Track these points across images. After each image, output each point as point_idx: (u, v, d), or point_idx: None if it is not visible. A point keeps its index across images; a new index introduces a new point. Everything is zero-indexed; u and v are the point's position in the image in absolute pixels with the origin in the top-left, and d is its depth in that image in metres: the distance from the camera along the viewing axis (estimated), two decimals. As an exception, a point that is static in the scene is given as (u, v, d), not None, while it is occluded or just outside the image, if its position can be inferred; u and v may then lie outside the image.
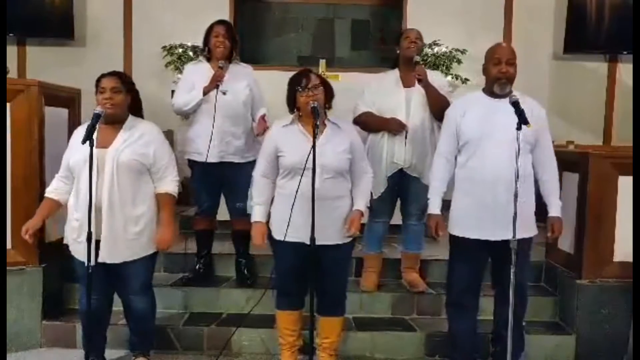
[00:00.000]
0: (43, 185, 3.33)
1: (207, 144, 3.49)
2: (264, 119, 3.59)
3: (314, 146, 2.60)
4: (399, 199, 3.70)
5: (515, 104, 2.63)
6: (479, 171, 2.83)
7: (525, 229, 2.83)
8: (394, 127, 3.48)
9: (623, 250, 3.42)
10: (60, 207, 2.92)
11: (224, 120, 3.52)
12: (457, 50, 5.72)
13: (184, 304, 3.67)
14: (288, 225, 2.77)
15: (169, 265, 3.89)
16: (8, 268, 3.28)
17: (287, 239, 2.81)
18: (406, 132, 3.49)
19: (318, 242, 2.67)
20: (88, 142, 2.56)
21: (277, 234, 2.86)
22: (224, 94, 3.53)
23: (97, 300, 2.92)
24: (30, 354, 3.37)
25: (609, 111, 6.15)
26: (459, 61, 5.70)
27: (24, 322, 3.39)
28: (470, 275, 2.96)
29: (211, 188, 3.68)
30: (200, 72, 3.56)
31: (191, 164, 3.67)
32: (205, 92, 3.49)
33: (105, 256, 2.81)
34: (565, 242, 3.65)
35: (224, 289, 3.72)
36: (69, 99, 3.79)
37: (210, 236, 3.83)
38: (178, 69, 5.56)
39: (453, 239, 2.98)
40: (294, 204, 2.74)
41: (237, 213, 3.67)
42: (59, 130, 3.57)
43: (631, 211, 3.38)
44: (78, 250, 2.81)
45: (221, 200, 3.78)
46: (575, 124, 5.88)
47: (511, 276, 2.61)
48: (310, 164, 2.63)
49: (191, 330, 3.44)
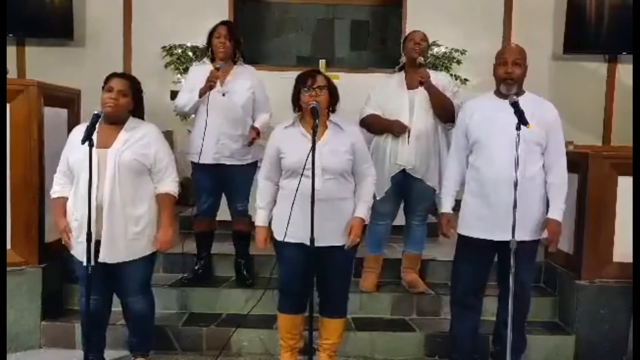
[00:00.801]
0: (43, 185, 3.34)
1: (201, 145, 3.49)
2: (254, 128, 3.56)
3: (313, 146, 2.60)
4: (402, 201, 3.70)
5: (514, 104, 2.63)
6: (484, 171, 2.85)
7: (531, 231, 2.84)
8: (396, 129, 3.49)
9: (622, 251, 3.42)
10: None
11: (221, 122, 3.52)
12: (457, 50, 5.72)
13: (183, 304, 3.66)
14: (287, 225, 2.76)
15: (168, 265, 3.89)
16: (8, 268, 3.28)
17: (289, 240, 2.80)
18: (409, 134, 3.50)
19: (321, 244, 2.67)
20: (85, 142, 2.57)
21: (278, 235, 2.86)
22: (223, 95, 3.52)
23: (97, 301, 2.92)
24: (29, 354, 3.37)
25: (608, 111, 6.15)
26: (459, 62, 5.71)
27: (23, 323, 3.39)
28: (475, 275, 2.97)
29: (210, 189, 3.68)
30: (203, 73, 3.55)
31: (192, 164, 3.67)
32: (201, 93, 3.49)
33: (105, 256, 2.81)
34: (565, 243, 3.65)
35: (223, 290, 3.72)
36: (68, 100, 3.79)
37: (209, 238, 3.83)
38: (178, 69, 5.57)
39: (460, 239, 3.00)
40: (293, 204, 2.74)
41: (239, 214, 3.68)
42: (58, 130, 3.57)
43: (631, 211, 3.38)
44: (78, 250, 2.81)
45: (222, 201, 3.78)
46: (574, 124, 5.86)
47: (510, 276, 2.61)
48: (309, 164, 2.62)
49: (190, 330, 3.44)
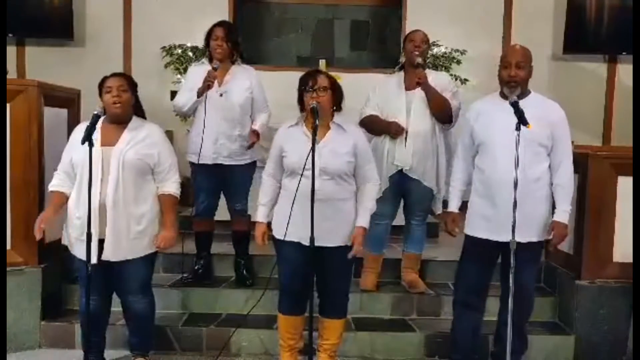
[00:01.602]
0: (43, 185, 3.34)
1: (200, 144, 3.50)
2: (254, 131, 3.56)
3: (313, 147, 2.60)
4: (402, 201, 3.70)
5: (514, 105, 2.63)
6: (489, 172, 2.86)
7: (534, 232, 2.84)
8: (393, 131, 3.49)
9: (622, 251, 3.42)
10: (66, 201, 2.90)
11: (219, 122, 3.52)
12: (457, 50, 5.72)
13: (183, 304, 3.66)
14: (288, 225, 2.76)
15: (168, 265, 3.89)
16: (7, 268, 3.28)
17: (289, 239, 2.80)
18: (406, 135, 3.50)
19: (320, 243, 2.67)
20: (90, 142, 2.59)
21: (278, 233, 2.86)
22: (220, 95, 3.53)
23: (97, 301, 2.93)
24: (29, 354, 3.37)
25: (608, 112, 6.15)
26: (459, 62, 5.71)
27: (23, 323, 3.39)
28: (479, 275, 2.98)
29: (208, 189, 3.68)
30: (201, 74, 3.55)
31: (190, 164, 3.67)
32: (199, 93, 3.49)
33: (108, 254, 2.82)
34: (565, 243, 3.64)
35: (223, 290, 3.72)
36: (68, 99, 3.79)
37: (209, 238, 3.83)
38: (177, 70, 5.57)
39: (467, 239, 3.01)
40: (293, 203, 2.74)
41: (237, 214, 3.69)
42: (58, 130, 3.57)
43: (631, 211, 3.38)
44: (79, 249, 2.81)
45: (220, 201, 3.78)
46: (574, 124, 5.79)
47: (510, 276, 2.61)
48: (308, 164, 2.63)
49: (190, 330, 3.44)
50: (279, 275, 2.97)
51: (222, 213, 3.81)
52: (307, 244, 2.65)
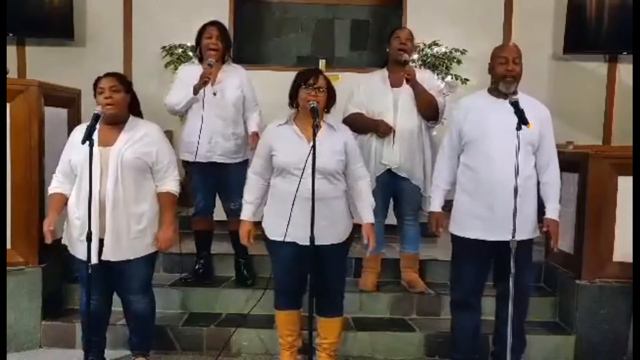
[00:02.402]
0: (43, 185, 3.34)
1: (196, 143, 3.50)
2: (257, 135, 3.54)
3: (313, 146, 2.60)
4: (391, 200, 3.70)
5: (514, 104, 2.63)
6: (480, 171, 2.84)
7: (526, 230, 2.84)
8: (381, 130, 3.48)
9: (622, 251, 3.42)
10: (66, 202, 2.91)
11: (213, 121, 3.53)
12: (457, 50, 5.72)
13: (183, 304, 3.67)
14: (288, 225, 2.76)
15: (168, 265, 3.90)
16: (8, 268, 3.28)
17: (287, 239, 2.80)
18: (394, 133, 3.49)
19: (317, 242, 2.66)
20: (91, 142, 2.59)
21: (272, 235, 2.87)
22: (214, 94, 3.53)
23: (97, 301, 2.93)
24: (29, 354, 3.37)
25: (608, 111, 6.14)
26: (459, 61, 5.70)
27: (23, 322, 3.39)
28: (474, 275, 2.97)
29: (205, 188, 3.69)
30: (192, 73, 3.57)
31: (184, 163, 3.67)
32: (196, 90, 3.49)
33: (108, 254, 2.82)
34: (565, 243, 3.65)
35: (223, 289, 3.73)
36: (68, 99, 3.79)
37: (208, 236, 3.84)
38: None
39: (456, 239, 2.98)
40: (293, 204, 2.74)
41: (233, 213, 3.68)
42: (58, 130, 3.57)
43: (631, 211, 3.38)
44: (79, 249, 2.82)
45: (218, 201, 3.79)
46: (574, 124, 5.87)
47: (510, 278, 2.61)
48: (305, 163, 2.64)
49: (190, 330, 3.45)
50: (274, 274, 2.98)
51: (222, 213, 3.81)
52: (303, 243, 2.67)
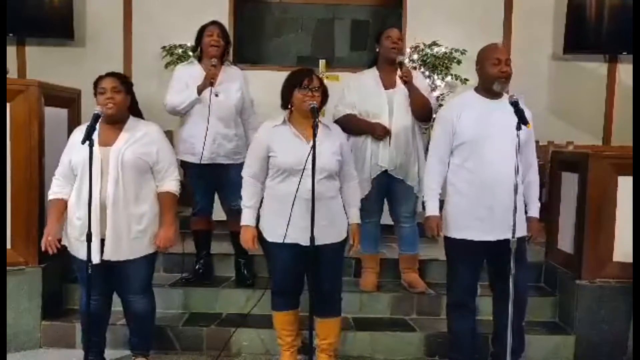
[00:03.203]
0: (43, 185, 3.34)
1: (201, 145, 3.50)
2: None
3: (313, 146, 2.60)
4: (386, 200, 3.70)
5: (515, 104, 2.63)
6: (477, 172, 2.83)
7: (519, 228, 2.83)
8: (378, 133, 3.46)
9: (622, 251, 3.42)
10: (66, 207, 2.90)
11: (216, 122, 3.53)
12: (457, 50, 5.72)
13: (183, 304, 3.67)
14: (288, 227, 2.76)
15: (168, 265, 3.89)
16: (8, 268, 3.28)
17: (287, 241, 2.80)
18: (390, 134, 3.48)
19: (316, 242, 2.67)
20: (91, 142, 2.59)
21: (270, 236, 2.87)
22: (216, 95, 3.53)
23: (97, 300, 2.94)
24: (29, 354, 3.37)
25: (608, 111, 6.15)
26: (459, 62, 5.71)
27: (23, 322, 3.39)
28: (471, 276, 2.96)
29: (205, 188, 3.69)
30: (192, 73, 3.57)
31: (183, 164, 3.66)
32: (200, 91, 3.49)
33: (108, 254, 2.82)
34: (565, 243, 3.66)
35: (223, 289, 3.72)
36: (68, 99, 3.79)
37: (208, 236, 3.84)
38: (178, 70, 5.56)
39: (450, 241, 2.96)
40: (293, 204, 2.74)
41: (233, 214, 3.67)
42: (58, 130, 3.57)
43: (631, 211, 3.38)
44: (80, 249, 2.82)
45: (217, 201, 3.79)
46: (574, 124, 5.88)
47: (510, 279, 2.61)
48: (306, 164, 2.65)
49: (191, 330, 3.44)
50: (272, 275, 2.99)
51: (222, 212, 3.81)
52: (306, 244, 2.67)
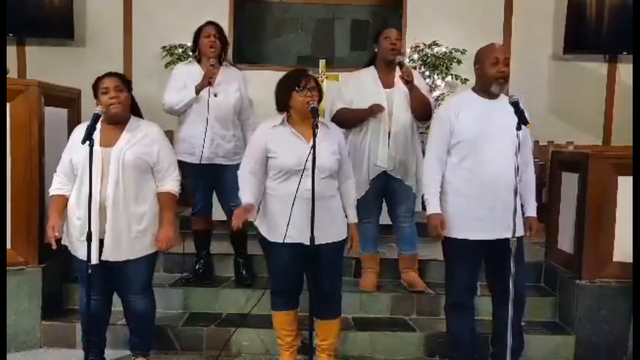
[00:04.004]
0: (43, 185, 3.34)
1: (200, 145, 3.50)
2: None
3: (313, 146, 2.61)
4: (384, 201, 3.70)
5: (515, 104, 2.63)
6: (476, 171, 2.82)
7: (519, 228, 2.84)
8: (375, 112, 3.43)
9: (622, 251, 3.42)
10: (67, 205, 2.91)
11: (214, 123, 3.53)
12: (457, 50, 5.72)
13: (183, 304, 3.67)
14: (288, 227, 2.76)
15: (168, 265, 3.90)
16: (8, 268, 3.28)
17: (288, 241, 2.80)
18: (389, 134, 3.47)
19: (317, 241, 2.67)
20: (91, 142, 2.60)
21: (271, 236, 2.86)
22: (215, 95, 3.53)
23: (97, 300, 2.94)
24: (29, 354, 3.37)
25: (608, 111, 6.15)
26: (459, 61, 5.71)
27: (23, 322, 3.39)
28: (469, 276, 2.96)
29: (204, 188, 3.70)
30: (190, 73, 3.57)
31: (181, 164, 3.65)
32: (198, 90, 3.48)
33: (108, 254, 2.82)
34: (565, 243, 3.66)
35: (223, 289, 3.72)
36: (68, 99, 3.79)
37: (207, 236, 3.84)
38: (178, 70, 5.56)
39: (449, 241, 2.95)
40: (293, 204, 2.74)
41: (232, 213, 3.67)
42: (58, 130, 3.57)
43: (631, 211, 3.38)
44: (80, 249, 2.82)
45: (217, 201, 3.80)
46: (574, 124, 5.89)
47: (510, 276, 2.61)
48: (307, 164, 2.65)
49: (191, 330, 3.44)
50: (272, 275, 2.99)
51: (222, 213, 3.81)
52: (306, 243, 2.67)
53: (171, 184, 2.96)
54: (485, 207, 2.82)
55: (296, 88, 2.80)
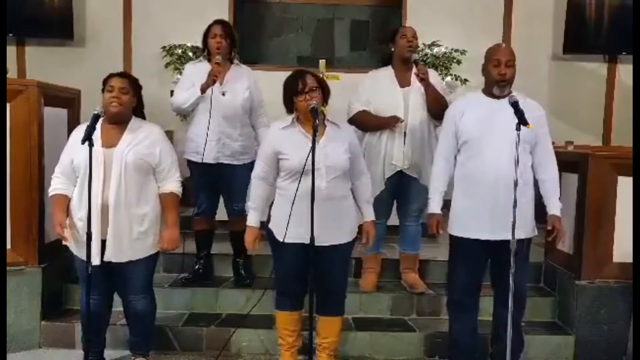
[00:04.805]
0: (43, 185, 3.34)
1: (204, 144, 3.49)
2: None
3: (313, 147, 2.60)
4: (395, 200, 3.69)
5: (514, 105, 2.63)
6: (478, 171, 2.84)
7: (523, 230, 2.83)
8: (392, 124, 3.44)
9: (622, 251, 3.42)
10: (69, 204, 2.90)
11: (221, 121, 3.52)
12: (457, 50, 5.72)
13: (183, 304, 3.67)
14: (287, 226, 2.76)
15: (168, 265, 3.89)
16: (8, 268, 3.28)
17: (292, 240, 2.80)
18: (405, 133, 3.48)
19: (324, 243, 2.68)
20: (90, 142, 2.60)
21: (280, 236, 2.85)
22: (223, 94, 3.52)
23: (98, 301, 2.94)
24: (29, 354, 3.37)
25: (608, 112, 6.15)
26: (459, 62, 5.71)
27: (23, 323, 3.39)
28: (471, 276, 2.96)
29: (209, 189, 3.68)
30: (200, 72, 3.55)
31: (189, 164, 3.67)
32: (203, 89, 3.47)
33: (110, 255, 2.82)
34: (565, 243, 3.65)
35: (223, 290, 3.72)
36: (68, 99, 3.79)
37: (209, 237, 3.83)
38: (178, 70, 5.56)
39: (453, 240, 2.98)
40: (293, 204, 2.74)
41: (234, 214, 3.68)
42: (58, 130, 3.57)
43: (631, 212, 3.38)
44: (81, 250, 2.80)
45: (220, 200, 3.79)
46: (574, 124, 5.88)
47: (510, 276, 2.62)
48: (310, 164, 2.62)
49: (190, 330, 3.44)
50: (277, 274, 2.98)
51: (222, 212, 3.81)
52: (316, 243, 2.65)
53: (173, 184, 2.96)
54: (487, 207, 2.82)
55: (295, 92, 2.79)
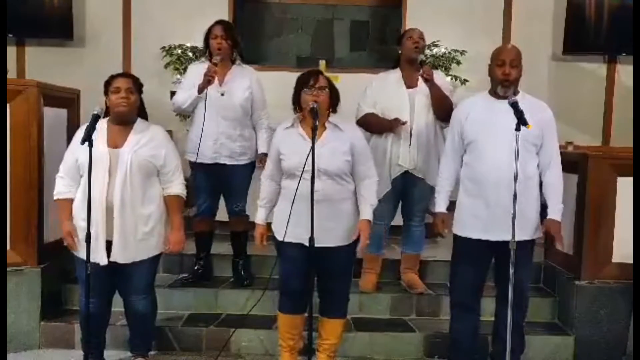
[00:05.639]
0: (42, 185, 3.34)
1: (202, 143, 3.49)
2: (264, 155, 3.45)
3: (312, 147, 2.60)
4: (400, 201, 3.69)
5: (514, 105, 2.63)
6: (481, 171, 2.84)
7: (526, 231, 2.84)
8: (396, 127, 3.45)
9: (622, 251, 3.42)
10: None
11: (219, 121, 3.52)
12: (457, 51, 5.72)
13: (183, 304, 3.66)
14: (287, 226, 2.76)
15: (168, 265, 3.89)
16: (7, 268, 3.28)
17: (290, 240, 2.80)
18: (410, 134, 3.49)
19: (320, 244, 2.67)
20: (94, 142, 2.62)
21: (279, 234, 2.86)
22: (222, 94, 3.52)
23: (98, 301, 2.94)
24: (29, 354, 3.37)
25: (608, 112, 6.15)
26: (459, 62, 5.70)
27: (22, 323, 3.39)
28: (473, 276, 2.97)
29: (209, 189, 3.68)
30: (201, 73, 3.54)
31: (190, 164, 3.67)
32: (200, 89, 3.47)
33: (117, 256, 2.83)
34: (565, 243, 3.65)
35: (223, 290, 3.72)
36: (68, 100, 3.79)
37: (209, 238, 3.83)
38: (177, 70, 5.56)
39: (456, 239, 2.99)
40: (292, 204, 2.74)
41: (235, 214, 3.68)
42: (58, 130, 3.57)
43: (630, 212, 3.38)
44: (84, 250, 2.80)
45: (220, 201, 3.79)
46: (574, 124, 5.87)
47: (510, 277, 2.62)
48: (308, 165, 2.63)
49: (190, 330, 3.44)
50: (280, 275, 2.97)
51: (222, 213, 3.81)
52: (307, 244, 2.65)
53: (178, 187, 2.98)
54: (487, 208, 2.83)
55: (305, 86, 2.80)
